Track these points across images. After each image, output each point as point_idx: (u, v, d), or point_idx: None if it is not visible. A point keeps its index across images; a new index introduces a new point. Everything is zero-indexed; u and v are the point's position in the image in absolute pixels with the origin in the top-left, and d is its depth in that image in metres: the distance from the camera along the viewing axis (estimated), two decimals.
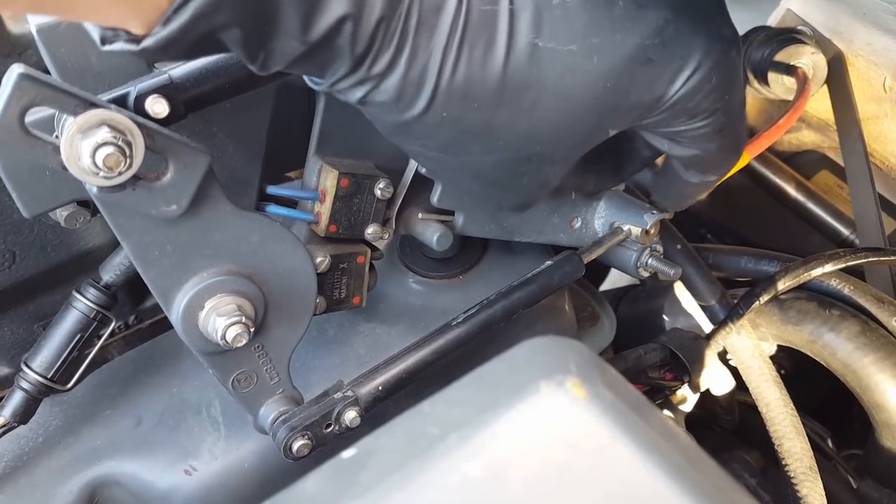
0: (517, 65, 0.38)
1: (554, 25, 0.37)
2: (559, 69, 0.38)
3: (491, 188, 0.46)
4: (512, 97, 0.39)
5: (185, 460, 0.53)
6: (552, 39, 0.37)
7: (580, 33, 0.38)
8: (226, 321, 0.44)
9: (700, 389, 0.73)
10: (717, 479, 0.30)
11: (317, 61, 0.36)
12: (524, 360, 0.33)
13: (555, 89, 0.39)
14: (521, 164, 0.43)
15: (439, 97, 0.38)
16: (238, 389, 0.49)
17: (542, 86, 0.39)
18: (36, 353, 0.49)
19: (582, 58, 0.38)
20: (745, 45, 0.90)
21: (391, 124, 0.40)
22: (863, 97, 0.88)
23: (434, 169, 0.49)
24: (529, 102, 0.39)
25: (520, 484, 0.28)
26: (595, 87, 0.39)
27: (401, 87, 0.37)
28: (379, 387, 0.51)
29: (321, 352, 0.59)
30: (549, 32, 0.37)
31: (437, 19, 0.36)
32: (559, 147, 0.43)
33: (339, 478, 0.32)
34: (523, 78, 0.38)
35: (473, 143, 0.41)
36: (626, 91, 0.40)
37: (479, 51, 0.37)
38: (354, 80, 0.37)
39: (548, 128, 0.41)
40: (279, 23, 0.34)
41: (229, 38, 0.34)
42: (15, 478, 0.53)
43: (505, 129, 0.40)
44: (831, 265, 0.69)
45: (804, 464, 0.64)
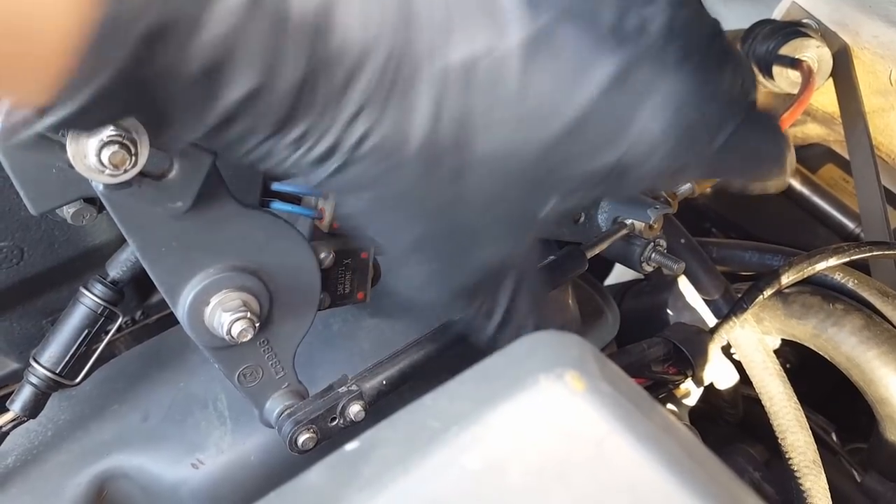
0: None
1: (480, 90, 0.34)
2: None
3: (420, 260, 0.42)
4: (434, 163, 0.36)
5: (192, 454, 0.54)
6: (484, 106, 0.35)
7: (509, 104, 0.35)
8: (231, 316, 0.45)
9: (704, 383, 0.73)
10: (716, 472, 0.30)
11: (226, 136, 0.33)
12: (524, 354, 0.33)
13: (482, 156, 0.36)
14: (443, 240, 0.40)
15: (352, 160, 0.35)
16: (244, 384, 0.49)
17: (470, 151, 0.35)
18: (44, 349, 0.50)
19: (522, 132, 0.35)
20: (750, 39, 0.90)
21: (310, 181, 0.37)
22: (868, 90, 0.88)
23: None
24: (453, 169, 0.36)
25: (519, 476, 0.28)
26: (542, 160, 0.37)
27: (313, 152, 0.34)
28: (383, 381, 0.52)
29: (326, 346, 0.60)
30: (481, 97, 0.34)
31: (355, 79, 0.33)
32: (488, 223, 0.39)
33: (342, 470, 0.32)
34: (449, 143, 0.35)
35: (390, 210, 0.38)
36: (584, 165, 0.37)
37: (400, 113, 0.34)
38: (265, 149, 0.34)
39: (474, 198, 0.37)
40: (175, 111, 0.32)
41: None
42: (25, 471, 0.54)
43: (424, 199, 0.37)
44: (835, 259, 0.69)
45: (807, 457, 0.64)
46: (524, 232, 0.42)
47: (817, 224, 0.99)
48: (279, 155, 0.34)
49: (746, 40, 0.91)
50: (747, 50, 0.90)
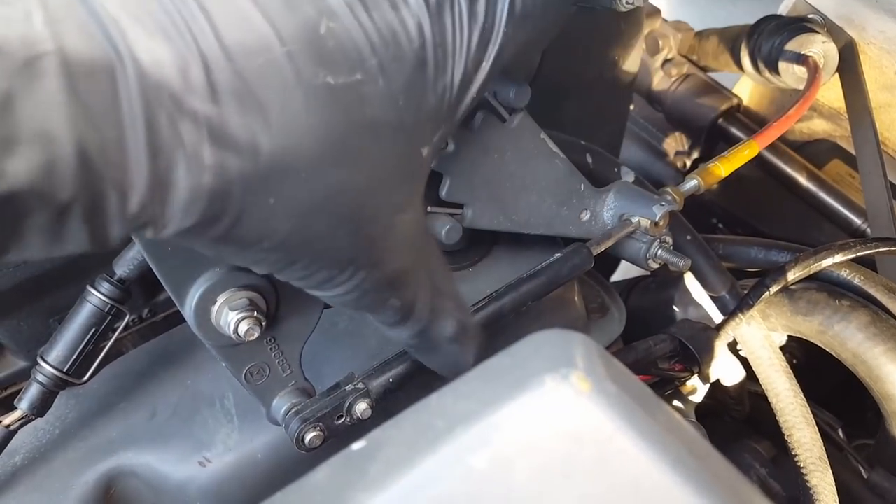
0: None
1: (332, 58, 0.33)
2: (351, 102, 0.34)
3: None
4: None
5: (199, 452, 0.54)
6: (339, 74, 0.33)
7: (357, 59, 0.34)
8: (238, 315, 0.45)
9: (710, 380, 0.73)
10: (723, 471, 0.30)
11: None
12: (529, 353, 0.33)
13: (352, 124, 0.35)
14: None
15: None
16: (251, 382, 0.50)
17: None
18: (51, 347, 0.50)
19: (369, 84, 0.34)
20: (756, 35, 0.90)
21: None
22: (875, 85, 0.88)
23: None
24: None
25: (524, 476, 0.28)
26: (392, 109, 0.36)
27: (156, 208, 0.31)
28: (389, 379, 0.52)
29: (333, 344, 0.60)
30: (331, 67, 0.33)
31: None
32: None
33: (349, 469, 0.32)
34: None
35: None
36: (422, 103, 0.37)
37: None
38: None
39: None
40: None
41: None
42: (33, 469, 0.54)
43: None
44: (841, 255, 0.69)
45: (814, 454, 0.64)
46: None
47: (823, 220, 0.99)
48: (112, 233, 0.31)
49: (752, 36, 0.91)
50: (753, 46, 0.90)
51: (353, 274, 0.39)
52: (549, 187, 0.59)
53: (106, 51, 0.27)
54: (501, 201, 0.57)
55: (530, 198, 0.58)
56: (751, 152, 0.62)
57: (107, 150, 0.28)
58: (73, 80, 0.27)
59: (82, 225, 0.29)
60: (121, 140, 0.28)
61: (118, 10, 0.28)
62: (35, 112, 0.26)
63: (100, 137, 0.27)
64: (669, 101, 1.07)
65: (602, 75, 0.88)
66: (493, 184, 0.56)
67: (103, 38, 0.27)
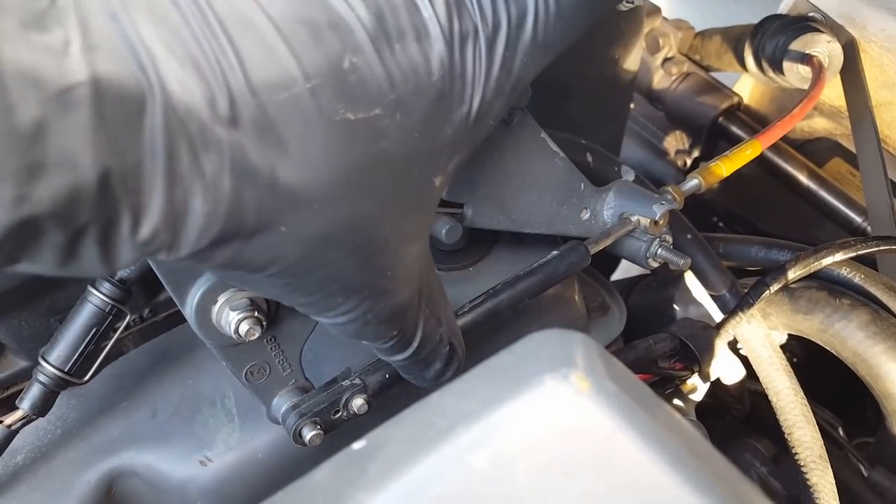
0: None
1: (353, 93, 0.34)
2: (368, 137, 0.35)
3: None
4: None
5: (200, 451, 0.54)
6: (359, 109, 0.34)
7: (377, 94, 0.34)
8: (238, 315, 0.45)
9: (710, 379, 0.73)
10: (723, 471, 0.30)
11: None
12: (529, 353, 0.33)
13: (368, 158, 0.35)
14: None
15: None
16: (252, 381, 0.50)
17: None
18: (53, 347, 0.50)
19: (387, 118, 0.35)
20: (760, 34, 0.90)
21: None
22: (875, 84, 0.88)
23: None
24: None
25: (525, 475, 0.28)
26: (407, 142, 0.36)
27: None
28: (386, 374, 0.52)
29: (333, 343, 0.60)
30: (351, 102, 0.33)
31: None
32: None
33: (349, 468, 0.33)
34: None
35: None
36: (438, 136, 0.37)
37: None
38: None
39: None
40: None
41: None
42: (35, 469, 0.54)
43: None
44: (842, 254, 0.69)
45: (814, 452, 0.64)
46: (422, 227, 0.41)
47: (824, 218, 0.99)
48: (123, 255, 0.31)
49: (756, 35, 0.91)
50: (756, 45, 0.90)
51: (357, 304, 0.39)
52: (550, 186, 0.59)
53: (137, 80, 0.28)
54: (501, 200, 0.57)
55: (530, 197, 0.58)
56: (753, 152, 0.62)
57: (126, 177, 0.28)
58: (103, 108, 0.27)
59: (95, 247, 0.29)
60: (139, 167, 0.28)
61: (153, 40, 0.28)
62: (64, 140, 0.26)
63: (121, 164, 0.28)
64: (670, 99, 1.07)
65: (602, 74, 0.88)
66: (493, 183, 0.56)
67: (136, 68, 0.28)
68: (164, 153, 0.28)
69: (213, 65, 0.29)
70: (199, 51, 0.29)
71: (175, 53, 0.29)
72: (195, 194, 0.30)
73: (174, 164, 0.29)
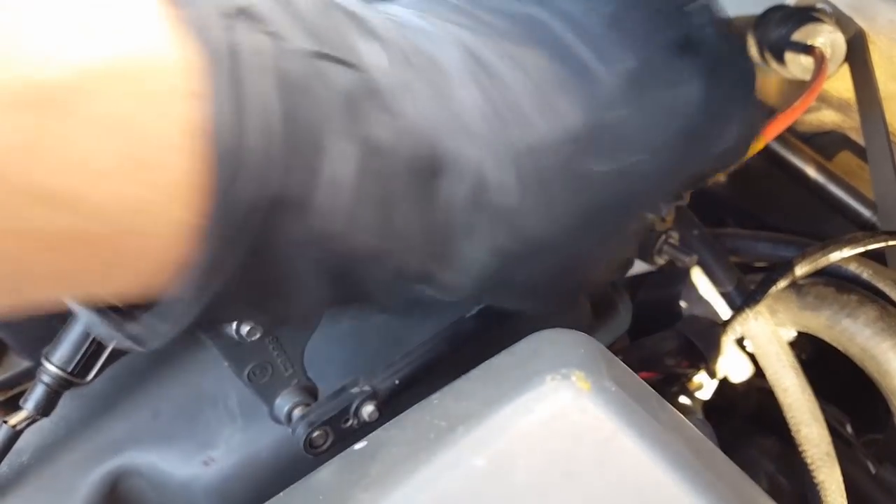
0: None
1: (607, 147, 0.36)
2: (614, 185, 0.37)
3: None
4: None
5: (203, 451, 0.54)
6: (609, 162, 0.36)
7: (631, 145, 0.36)
8: None
9: (717, 376, 0.72)
10: (726, 471, 0.30)
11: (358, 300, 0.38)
12: (530, 353, 0.33)
13: (614, 203, 0.38)
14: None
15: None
16: (254, 381, 0.50)
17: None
18: (56, 348, 0.50)
19: (644, 164, 0.37)
20: (763, 25, 0.89)
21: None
22: (884, 76, 0.87)
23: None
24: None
25: (524, 475, 0.28)
26: (652, 183, 0.39)
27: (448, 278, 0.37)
28: (396, 380, 0.52)
29: (336, 343, 0.60)
30: (603, 156, 0.36)
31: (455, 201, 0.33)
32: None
33: (351, 469, 0.33)
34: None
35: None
36: (681, 174, 0.41)
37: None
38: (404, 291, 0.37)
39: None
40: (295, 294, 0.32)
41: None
42: (40, 469, 0.54)
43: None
44: (850, 249, 0.68)
45: (821, 450, 0.64)
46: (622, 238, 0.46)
47: (832, 212, 0.98)
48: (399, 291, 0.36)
49: (759, 26, 0.90)
50: (759, 36, 0.89)
51: (541, 304, 0.45)
52: None
53: (440, 153, 0.31)
54: None
55: None
56: (757, 144, 0.61)
57: (427, 233, 0.32)
58: (418, 177, 0.31)
59: (389, 286, 0.34)
60: (437, 225, 0.32)
61: (444, 118, 0.32)
62: (393, 202, 0.30)
63: (426, 222, 0.32)
64: None
65: None
66: None
67: (437, 143, 0.31)
68: (455, 213, 0.32)
69: (501, 134, 0.32)
70: (478, 128, 0.32)
71: (459, 130, 0.32)
72: (469, 243, 0.34)
73: (457, 222, 0.33)
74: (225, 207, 0.26)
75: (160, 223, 0.25)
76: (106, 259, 0.26)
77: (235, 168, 0.25)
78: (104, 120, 0.23)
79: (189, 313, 0.28)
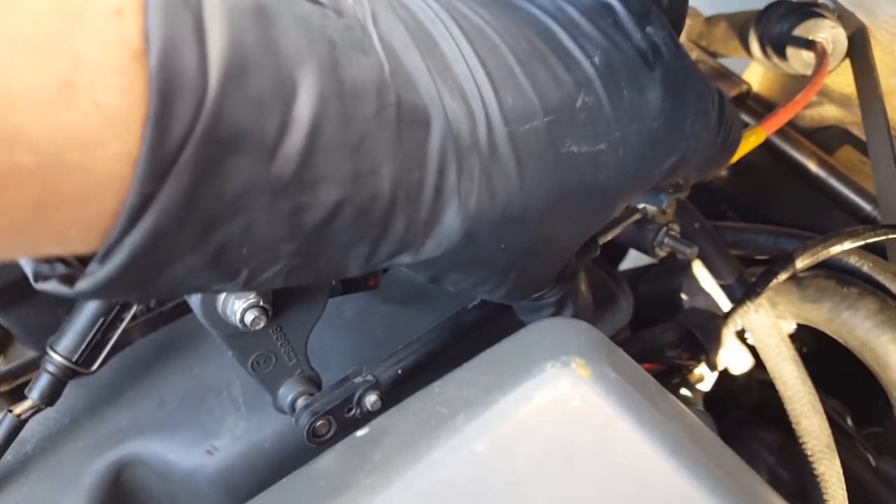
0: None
1: (581, 129, 0.37)
2: (588, 169, 0.38)
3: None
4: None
5: (207, 440, 0.55)
6: (583, 143, 0.37)
7: (604, 131, 0.37)
8: (244, 304, 0.45)
9: (718, 368, 0.73)
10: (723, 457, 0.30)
11: (317, 262, 0.32)
12: (532, 341, 0.33)
13: (584, 188, 0.38)
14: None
15: (474, 223, 0.35)
16: (257, 370, 0.50)
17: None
18: (60, 337, 0.50)
19: (611, 154, 0.38)
20: (765, 19, 0.89)
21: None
22: (886, 71, 0.87)
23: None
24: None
25: (525, 461, 0.29)
26: (623, 178, 0.40)
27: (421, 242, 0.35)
28: (398, 370, 0.52)
29: (339, 333, 0.60)
30: (578, 137, 0.37)
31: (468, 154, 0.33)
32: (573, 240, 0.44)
33: (353, 456, 0.33)
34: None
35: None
36: (647, 175, 0.41)
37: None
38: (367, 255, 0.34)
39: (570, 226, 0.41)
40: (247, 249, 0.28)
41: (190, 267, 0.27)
42: (44, 458, 0.55)
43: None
44: (850, 242, 0.68)
45: (821, 442, 0.64)
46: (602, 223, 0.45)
47: (834, 206, 0.98)
48: (382, 258, 0.34)
49: (761, 21, 0.90)
50: (761, 31, 0.89)
51: (513, 286, 0.43)
52: None
53: (425, 105, 0.31)
54: None
55: None
56: (757, 139, 0.62)
57: (409, 190, 0.31)
58: (402, 127, 0.30)
59: (365, 248, 0.32)
60: (421, 182, 0.31)
61: (433, 69, 0.32)
62: (374, 152, 0.29)
63: (408, 179, 0.31)
64: None
65: None
66: None
67: (426, 92, 0.31)
68: (437, 170, 0.31)
69: (477, 96, 0.32)
70: (466, 83, 0.32)
71: (447, 83, 0.32)
72: (451, 208, 0.33)
73: (442, 182, 0.32)
74: (157, 136, 0.23)
75: (96, 157, 0.23)
76: (34, 198, 0.22)
77: (167, 93, 0.22)
78: (22, 36, 0.21)
79: (121, 253, 0.24)
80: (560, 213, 0.38)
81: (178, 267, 0.26)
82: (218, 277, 0.28)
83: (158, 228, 0.24)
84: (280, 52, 0.25)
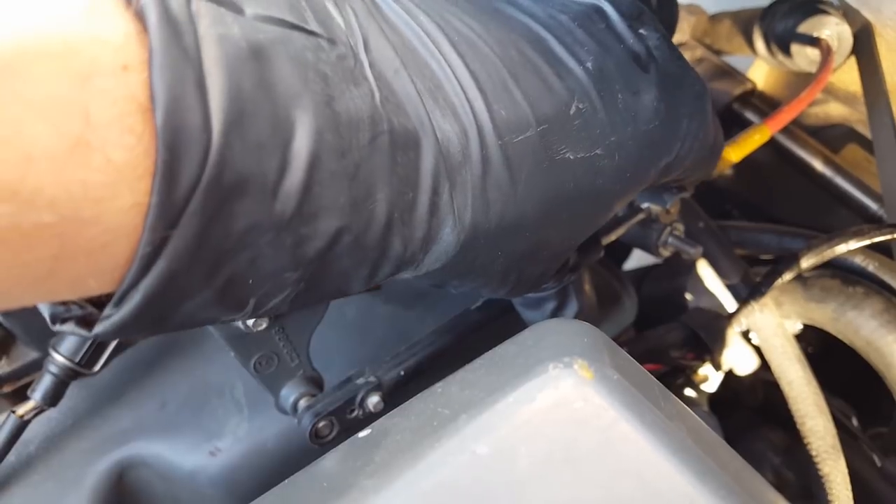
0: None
1: (576, 136, 0.37)
2: (584, 175, 0.38)
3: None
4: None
5: (209, 441, 0.55)
6: (579, 150, 0.37)
7: (599, 136, 0.37)
8: None
9: (723, 369, 0.72)
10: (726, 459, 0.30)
11: (321, 289, 0.33)
12: (534, 342, 0.33)
13: (580, 193, 0.38)
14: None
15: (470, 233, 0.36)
16: (260, 371, 0.50)
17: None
18: (63, 338, 0.50)
19: (606, 158, 0.38)
20: (769, 17, 0.89)
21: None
22: (891, 68, 0.86)
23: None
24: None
25: (527, 462, 0.28)
26: (619, 181, 0.40)
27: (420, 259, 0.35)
28: (401, 371, 0.52)
29: (341, 334, 0.60)
30: (573, 144, 0.37)
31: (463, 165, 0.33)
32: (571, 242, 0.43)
33: (355, 457, 0.33)
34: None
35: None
36: (643, 176, 0.41)
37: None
38: (369, 274, 0.35)
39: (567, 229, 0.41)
40: (255, 280, 0.29)
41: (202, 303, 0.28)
42: (47, 459, 0.55)
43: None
44: (856, 241, 0.68)
45: (827, 442, 0.63)
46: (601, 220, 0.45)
47: (839, 205, 0.97)
48: (383, 277, 0.34)
49: (765, 18, 0.90)
50: (766, 28, 0.89)
51: (512, 287, 0.44)
52: None
53: (416, 128, 0.31)
54: None
55: None
56: (762, 137, 0.61)
57: (403, 212, 0.31)
58: (395, 152, 0.30)
59: (365, 270, 0.33)
60: (414, 203, 0.32)
61: (423, 91, 0.32)
62: (369, 178, 0.29)
63: (402, 201, 0.31)
64: None
65: None
66: None
67: (415, 116, 0.31)
68: (430, 190, 0.32)
69: (468, 111, 0.33)
70: (457, 100, 0.33)
71: (438, 103, 0.32)
72: (446, 225, 0.33)
73: (436, 200, 0.32)
74: (166, 188, 0.24)
75: (110, 210, 0.24)
76: (54, 252, 0.23)
77: (174, 147, 0.23)
78: (37, 100, 0.21)
79: (136, 297, 0.26)
80: (556, 218, 0.38)
81: (189, 304, 0.27)
82: (226, 310, 0.29)
83: (170, 272, 0.25)
84: (277, 93, 0.26)
